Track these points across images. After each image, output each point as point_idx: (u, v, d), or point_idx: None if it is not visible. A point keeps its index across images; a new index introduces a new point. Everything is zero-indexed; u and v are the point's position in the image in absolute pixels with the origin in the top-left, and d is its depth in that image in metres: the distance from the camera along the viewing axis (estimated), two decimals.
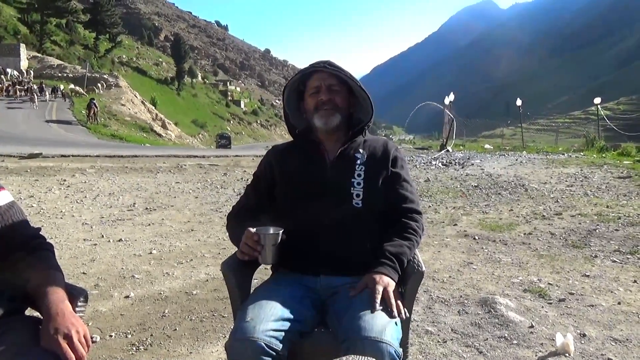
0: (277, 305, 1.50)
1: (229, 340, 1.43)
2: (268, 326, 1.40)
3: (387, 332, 1.36)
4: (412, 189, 1.78)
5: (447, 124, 20.27)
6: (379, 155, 1.79)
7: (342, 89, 1.80)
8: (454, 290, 3.43)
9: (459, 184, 8.94)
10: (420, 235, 1.70)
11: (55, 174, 9.94)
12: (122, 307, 3.22)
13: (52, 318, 1.21)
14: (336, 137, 1.81)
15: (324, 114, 1.76)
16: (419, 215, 1.74)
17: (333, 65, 1.78)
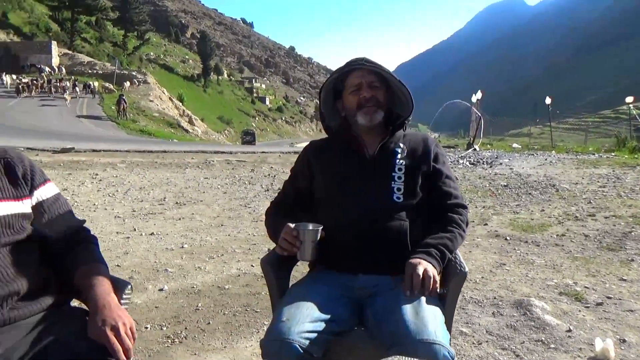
0: (314, 305, 1.49)
1: (264, 339, 1.43)
2: (304, 327, 1.39)
3: (438, 333, 1.34)
4: (454, 184, 1.78)
5: (475, 122, 19.94)
6: (419, 150, 1.78)
7: (382, 85, 1.79)
8: (487, 292, 3.38)
9: (488, 183, 8.80)
10: (464, 228, 1.69)
11: (87, 168, 10.19)
12: (156, 299, 3.28)
13: (99, 310, 1.24)
14: (375, 132, 1.80)
15: (368, 110, 1.75)
16: (464, 209, 1.74)
17: (371, 62, 1.77)
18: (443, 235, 1.64)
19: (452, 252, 1.64)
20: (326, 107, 1.91)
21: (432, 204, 1.72)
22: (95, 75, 50.03)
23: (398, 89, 1.81)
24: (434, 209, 1.72)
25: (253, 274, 3.82)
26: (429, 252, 1.58)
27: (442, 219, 1.70)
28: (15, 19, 70.94)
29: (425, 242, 1.62)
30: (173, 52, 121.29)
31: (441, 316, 1.47)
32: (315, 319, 1.44)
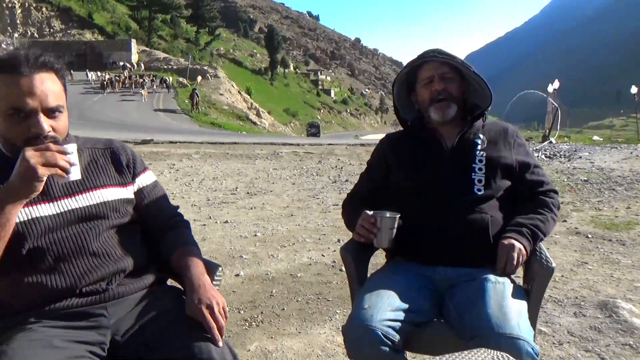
0: (395, 294, 1.49)
1: (347, 325, 1.45)
2: (386, 315, 1.41)
3: (522, 328, 1.31)
4: (542, 171, 1.75)
5: (551, 114, 18.91)
6: (500, 141, 1.73)
7: (456, 77, 1.75)
8: (567, 291, 3.24)
9: (566, 178, 8.35)
10: (555, 212, 1.66)
11: (165, 158, 10.76)
12: (233, 284, 3.43)
13: (195, 289, 1.32)
14: (453, 125, 1.76)
15: (440, 106, 1.71)
16: (554, 193, 1.72)
17: (443, 53, 1.73)
18: (534, 216, 1.63)
19: (544, 234, 1.61)
20: (400, 100, 1.90)
21: (520, 194, 1.70)
22: (170, 71, 52.54)
23: (473, 80, 1.76)
24: (523, 199, 1.69)
25: (324, 263, 3.89)
26: (520, 231, 1.58)
27: (534, 203, 1.67)
28: (99, 19, 75.89)
29: (517, 220, 1.61)
30: (242, 46, 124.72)
31: (525, 311, 1.43)
32: (397, 308, 1.45)
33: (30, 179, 1.12)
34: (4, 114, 1.22)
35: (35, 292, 1.23)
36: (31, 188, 1.14)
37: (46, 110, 1.23)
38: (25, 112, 1.21)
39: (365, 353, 1.38)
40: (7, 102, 1.20)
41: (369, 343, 1.37)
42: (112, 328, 1.27)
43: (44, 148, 1.14)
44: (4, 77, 1.21)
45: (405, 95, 1.88)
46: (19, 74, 1.20)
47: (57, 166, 1.13)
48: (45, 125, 1.22)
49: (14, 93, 1.20)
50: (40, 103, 1.22)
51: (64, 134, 1.31)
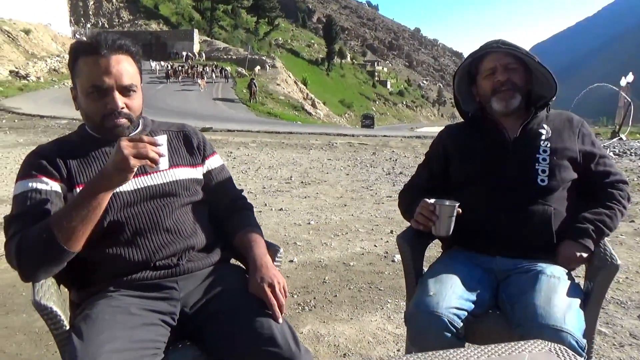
0: (458, 282, 1.51)
1: (410, 310, 1.48)
2: (451, 303, 1.43)
3: (567, 320, 1.30)
4: (610, 161, 1.70)
5: (622, 109, 17.82)
6: (564, 131, 1.70)
7: (519, 67, 1.71)
8: (632, 293, 3.10)
9: (636, 177, 7.88)
10: (624, 205, 1.64)
11: (223, 146, 11.10)
12: (287, 269, 3.53)
13: (257, 269, 1.40)
14: (516, 116, 1.73)
15: (503, 96, 1.69)
16: (624, 184, 1.68)
17: (506, 43, 1.70)
18: (601, 211, 1.61)
19: (611, 229, 1.60)
20: (460, 92, 1.88)
21: (586, 186, 1.67)
22: (230, 60, 53.77)
23: (537, 70, 1.72)
24: (590, 191, 1.67)
25: (376, 253, 3.92)
26: (585, 229, 1.58)
27: (601, 196, 1.65)
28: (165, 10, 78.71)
29: (583, 216, 1.61)
30: (300, 36, 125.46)
31: (577, 305, 1.41)
32: (460, 296, 1.47)
33: (123, 169, 1.20)
34: (85, 91, 1.34)
35: (114, 264, 1.35)
36: (123, 177, 1.22)
37: (121, 88, 1.34)
38: (102, 90, 1.32)
39: (430, 339, 1.40)
40: (88, 80, 1.33)
41: (435, 330, 1.40)
42: (182, 300, 1.37)
43: (137, 139, 1.22)
44: (86, 58, 1.33)
45: (466, 87, 1.87)
46: (99, 55, 1.32)
47: (147, 158, 1.21)
48: (120, 102, 1.34)
49: (94, 72, 1.32)
50: (115, 81, 1.33)
51: (137, 112, 1.41)
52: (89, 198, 1.22)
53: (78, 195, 1.26)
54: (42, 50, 38.24)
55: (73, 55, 1.36)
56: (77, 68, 1.34)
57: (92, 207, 1.22)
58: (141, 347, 1.20)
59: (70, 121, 16.02)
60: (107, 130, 1.37)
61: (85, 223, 1.23)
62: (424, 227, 1.63)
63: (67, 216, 1.22)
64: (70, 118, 16.58)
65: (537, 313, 1.33)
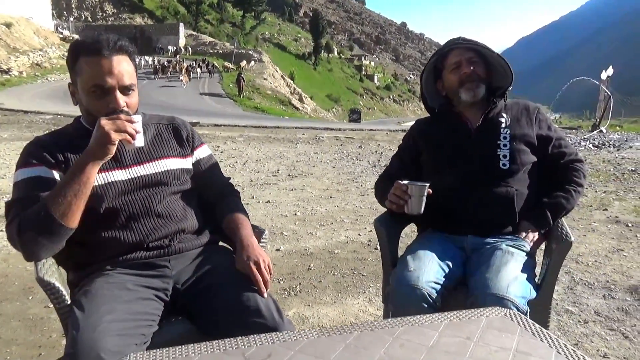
0: (435, 259, 1.66)
1: (393, 284, 1.62)
2: (429, 277, 1.58)
3: (510, 290, 1.45)
4: (565, 142, 1.87)
5: (603, 102, 18.20)
6: (522, 118, 1.86)
7: (480, 61, 1.87)
8: (599, 275, 3.28)
9: (613, 168, 8.14)
10: (580, 183, 1.80)
11: (210, 140, 11.15)
12: (273, 257, 3.66)
13: (244, 248, 1.52)
14: (478, 107, 1.88)
15: (470, 86, 1.83)
16: (580, 163, 1.84)
17: (467, 39, 1.87)
18: (559, 194, 1.79)
19: (568, 209, 1.77)
20: (427, 89, 2.03)
21: (547, 167, 1.83)
22: (216, 55, 53.47)
23: (496, 62, 1.88)
24: (551, 171, 1.83)
25: (360, 242, 4.07)
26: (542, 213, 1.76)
27: (559, 177, 1.82)
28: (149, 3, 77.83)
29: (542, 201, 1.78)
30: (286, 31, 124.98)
31: (523, 277, 1.56)
32: (437, 272, 1.62)
33: (105, 142, 1.33)
34: (87, 90, 1.44)
35: (110, 246, 1.46)
36: (105, 150, 1.35)
37: (122, 87, 1.44)
38: (104, 89, 1.42)
39: (411, 311, 1.53)
40: (91, 80, 1.42)
41: (415, 301, 1.54)
42: (174, 278, 1.50)
43: (115, 117, 1.35)
44: (88, 59, 1.42)
45: (432, 84, 2.01)
46: (101, 56, 1.41)
47: (126, 131, 1.34)
48: (122, 101, 1.44)
49: (96, 72, 1.41)
50: (117, 82, 1.43)
51: (135, 108, 1.52)
52: (78, 173, 1.33)
53: (68, 172, 1.36)
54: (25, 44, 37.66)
55: (74, 54, 1.44)
56: (78, 67, 1.43)
57: (83, 182, 1.33)
58: (137, 319, 1.32)
59: (55, 116, 15.91)
60: None
61: (78, 197, 1.33)
62: (397, 207, 1.77)
63: (60, 193, 1.32)
64: (55, 113, 16.46)
65: (485, 284, 1.49)
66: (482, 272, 1.56)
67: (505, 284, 1.48)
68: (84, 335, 1.19)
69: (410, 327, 1.21)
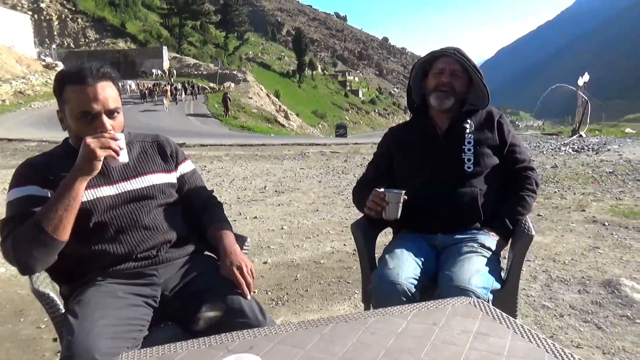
0: (411, 256, 1.78)
1: (375, 282, 1.72)
2: (408, 274, 1.69)
3: (472, 281, 1.58)
4: (521, 149, 2.00)
5: (581, 107, 18.65)
6: (485, 123, 2.00)
7: (464, 76, 2.00)
8: (575, 272, 3.41)
9: (591, 170, 8.36)
10: (533, 189, 1.94)
11: (197, 160, 11.21)
12: (261, 270, 3.74)
13: (227, 255, 1.62)
14: (447, 115, 2.02)
15: (440, 95, 1.97)
16: (532, 171, 1.98)
17: (461, 52, 1.99)
18: (514, 201, 1.92)
19: (524, 214, 1.90)
20: (415, 83, 2.15)
21: (504, 170, 1.96)
22: (200, 76, 53.73)
23: (477, 84, 2.01)
24: (507, 173, 1.96)
25: (345, 251, 4.17)
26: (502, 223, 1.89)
27: (513, 184, 1.95)
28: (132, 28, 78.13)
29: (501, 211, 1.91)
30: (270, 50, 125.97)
31: (485, 270, 1.69)
32: (414, 268, 1.74)
33: (91, 159, 1.43)
34: (75, 117, 1.54)
35: (101, 258, 1.55)
36: (92, 166, 1.44)
37: (107, 112, 1.55)
38: (91, 115, 1.53)
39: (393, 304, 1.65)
40: (77, 107, 1.53)
41: (396, 296, 1.65)
42: (162, 286, 1.59)
43: (99, 136, 1.46)
44: (73, 87, 1.53)
45: (419, 81, 2.14)
46: (86, 84, 1.52)
47: (110, 148, 1.44)
48: (108, 124, 1.54)
49: (82, 100, 1.52)
50: (103, 106, 1.53)
51: (120, 129, 1.62)
52: (68, 189, 1.42)
53: (58, 189, 1.45)
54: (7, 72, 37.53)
55: (60, 84, 1.55)
56: (65, 95, 1.53)
57: (72, 197, 1.42)
58: (129, 324, 1.41)
59: (40, 143, 15.87)
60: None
61: (68, 211, 1.42)
62: (375, 213, 1.89)
63: (51, 208, 1.41)
64: (39, 140, 16.42)
65: (450, 277, 1.62)
66: (448, 267, 1.69)
67: (467, 276, 1.60)
68: (78, 339, 1.28)
69: (382, 317, 1.31)
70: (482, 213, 1.88)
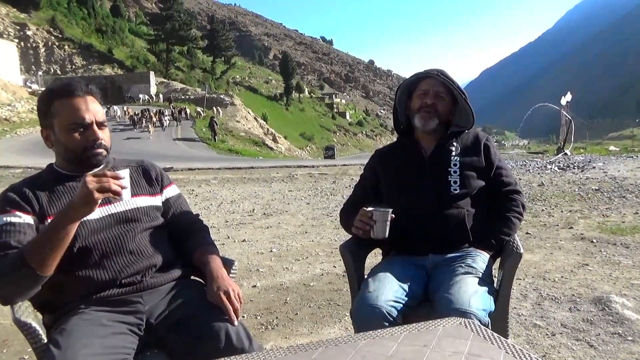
0: (394, 280, 1.76)
1: (356, 305, 1.70)
2: (388, 297, 1.67)
3: (472, 303, 1.56)
4: (507, 172, 2.01)
5: (565, 126, 18.97)
6: (471, 146, 2.00)
7: (448, 98, 2.01)
8: (565, 289, 3.41)
9: (577, 188, 8.46)
10: (519, 212, 1.94)
11: (185, 184, 11.15)
12: (250, 294, 3.69)
13: (214, 279, 1.59)
14: (433, 137, 2.03)
15: (424, 116, 1.98)
16: (518, 194, 1.98)
17: (445, 75, 2.00)
18: (501, 223, 1.92)
19: (510, 235, 1.90)
20: (400, 105, 2.16)
21: (490, 192, 1.96)
22: (188, 101, 53.76)
23: (463, 106, 2.03)
24: (493, 195, 1.97)
25: (335, 273, 4.13)
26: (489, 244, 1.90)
27: (499, 207, 1.95)
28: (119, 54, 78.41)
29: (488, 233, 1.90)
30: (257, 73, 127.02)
31: (483, 291, 1.67)
32: (396, 291, 1.72)
33: (88, 202, 1.36)
34: (66, 128, 1.53)
35: (84, 284, 1.51)
36: (88, 209, 1.38)
37: (98, 123, 1.56)
38: (83, 125, 1.53)
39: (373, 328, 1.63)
40: (69, 118, 1.53)
41: (376, 320, 1.62)
42: (147, 313, 1.54)
43: (101, 175, 1.39)
44: (63, 100, 1.53)
45: (404, 101, 2.15)
46: (75, 96, 1.54)
47: (110, 191, 1.38)
48: (99, 133, 1.55)
49: (74, 110, 1.53)
50: (94, 117, 1.55)
51: (109, 143, 1.62)
52: (58, 228, 1.38)
53: (48, 226, 1.42)
54: None
55: (47, 99, 1.55)
56: (54, 109, 1.53)
57: (61, 237, 1.38)
58: (112, 353, 1.36)
59: (25, 169, 15.67)
60: (87, 159, 1.55)
61: (55, 250, 1.39)
62: (362, 233, 1.88)
63: (38, 245, 1.37)
64: (25, 167, 16.24)
65: (449, 299, 1.59)
66: (444, 289, 1.66)
67: (467, 298, 1.58)
68: None
69: (372, 340, 1.29)
70: (471, 234, 1.87)
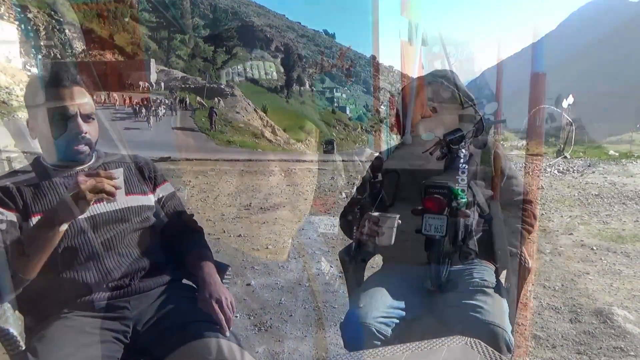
0: (386, 293, 1.66)
1: (344, 322, 1.62)
2: (378, 313, 1.57)
3: (503, 320, 1.49)
4: (518, 181, 1.90)
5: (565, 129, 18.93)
6: (480, 152, 1.90)
7: (453, 105, 1.91)
8: (566, 299, 3.34)
9: (577, 193, 8.40)
10: (530, 223, 1.84)
11: (182, 175, 11.06)
12: (244, 292, 3.61)
13: (206, 286, 1.51)
14: (438, 144, 1.93)
15: (427, 126, 1.90)
16: (529, 204, 1.88)
17: (450, 79, 1.90)
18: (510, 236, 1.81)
19: (519, 247, 1.79)
20: (403, 109, 2.05)
21: (500, 202, 1.86)
22: (188, 90, 53.49)
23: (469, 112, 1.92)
24: (503, 205, 1.86)
25: (332, 273, 4.06)
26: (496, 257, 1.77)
27: (509, 218, 1.84)
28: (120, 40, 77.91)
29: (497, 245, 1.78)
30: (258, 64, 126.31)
31: (507, 308, 1.59)
32: (389, 306, 1.62)
33: (79, 203, 1.29)
34: (50, 118, 1.45)
35: (69, 287, 1.42)
36: (80, 210, 1.31)
37: (83, 115, 1.48)
38: (67, 116, 1.45)
39: (362, 347, 1.55)
40: (54, 108, 1.45)
41: (365, 338, 1.53)
42: (134, 319, 1.46)
43: (94, 174, 1.33)
44: (49, 89, 1.46)
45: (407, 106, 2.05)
46: (61, 86, 1.45)
47: (103, 191, 1.31)
48: (84, 127, 1.47)
49: (59, 101, 1.45)
50: (78, 108, 1.47)
51: (96, 137, 1.54)
52: (46, 229, 1.30)
53: (36, 226, 1.34)
54: None
55: (33, 88, 1.48)
56: (39, 99, 1.46)
57: (49, 238, 1.30)
58: None
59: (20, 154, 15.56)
60: (68, 154, 1.48)
61: (41, 252, 1.31)
62: (368, 238, 1.78)
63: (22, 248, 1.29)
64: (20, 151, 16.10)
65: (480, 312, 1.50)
66: (470, 302, 1.57)
67: (498, 314, 1.50)
68: None
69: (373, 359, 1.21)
70: (477, 244, 1.78)
